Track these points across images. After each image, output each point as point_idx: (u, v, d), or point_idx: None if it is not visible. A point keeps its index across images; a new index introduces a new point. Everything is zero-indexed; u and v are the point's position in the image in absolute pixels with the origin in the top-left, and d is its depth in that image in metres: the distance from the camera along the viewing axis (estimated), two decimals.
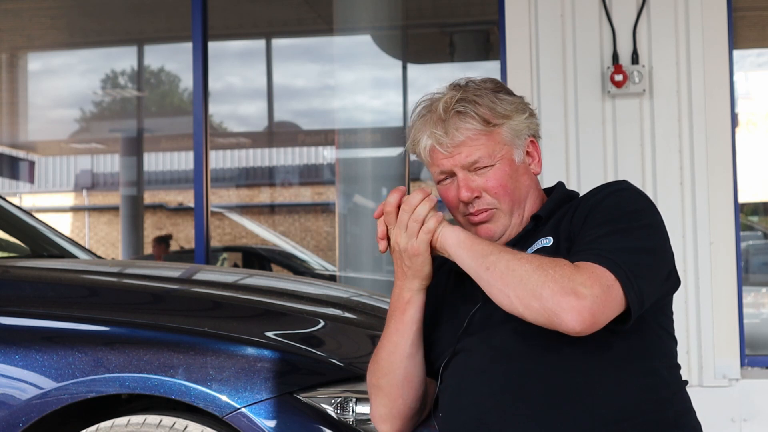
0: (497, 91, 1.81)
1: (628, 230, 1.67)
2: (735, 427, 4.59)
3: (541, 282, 1.56)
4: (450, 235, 1.69)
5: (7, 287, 2.56)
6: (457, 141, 1.76)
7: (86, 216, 19.55)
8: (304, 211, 17.04)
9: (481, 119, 1.76)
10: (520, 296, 1.58)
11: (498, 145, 1.78)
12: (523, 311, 1.59)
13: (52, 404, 2.21)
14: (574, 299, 1.55)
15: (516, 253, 1.64)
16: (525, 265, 1.60)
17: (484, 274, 1.63)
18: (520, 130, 1.81)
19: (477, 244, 1.67)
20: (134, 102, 12.68)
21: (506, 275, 1.60)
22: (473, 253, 1.65)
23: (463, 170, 1.78)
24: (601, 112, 4.81)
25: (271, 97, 12.22)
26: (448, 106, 1.77)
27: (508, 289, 1.59)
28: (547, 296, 1.55)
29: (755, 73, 9.62)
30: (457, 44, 8.47)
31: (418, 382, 1.83)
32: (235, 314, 2.56)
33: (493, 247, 1.67)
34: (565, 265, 1.59)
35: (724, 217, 4.71)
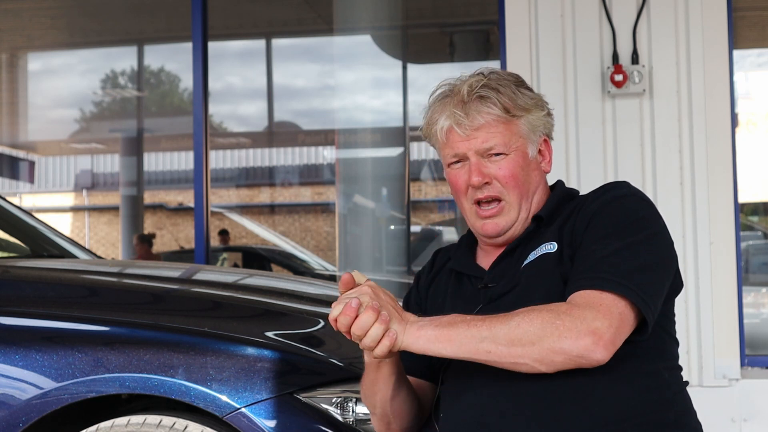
0: (519, 85, 1.82)
1: (635, 244, 1.66)
2: (735, 427, 4.59)
3: (556, 337, 1.55)
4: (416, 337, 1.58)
5: (7, 287, 2.56)
6: (476, 124, 1.77)
7: (86, 216, 19.55)
8: (304, 211, 17.04)
9: (502, 107, 1.77)
10: (539, 359, 1.56)
11: (514, 136, 1.79)
12: (547, 368, 1.58)
13: (52, 404, 2.21)
14: (594, 338, 1.56)
15: (506, 319, 1.58)
16: (528, 328, 1.55)
17: (488, 357, 1.57)
18: (537, 126, 1.82)
19: (455, 332, 1.58)
20: (134, 102, 12.68)
21: (513, 348, 1.56)
22: (460, 344, 1.57)
23: (476, 155, 1.78)
24: (601, 112, 4.81)
25: (271, 97, 12.22)
26: (471, 89, 1.77)
27: (522, 359, 1.57)
28: (569, 347, 1.55)
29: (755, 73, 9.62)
30: (457, 44, 8.47)
31: (406, 412, 1.83)
32: (235, 314, 2.56)
33: (475, 326, 1.58)
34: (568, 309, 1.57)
35: (724, 217, 4.71)
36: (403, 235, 7.72)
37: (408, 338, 1.58)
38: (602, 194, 1.77)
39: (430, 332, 1.58)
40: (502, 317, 1.58)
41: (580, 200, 1.81)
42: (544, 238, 1.77)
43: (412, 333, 1.59)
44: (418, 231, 12.18)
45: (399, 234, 7.52)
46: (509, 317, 1.58)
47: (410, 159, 7.76)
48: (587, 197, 1.80)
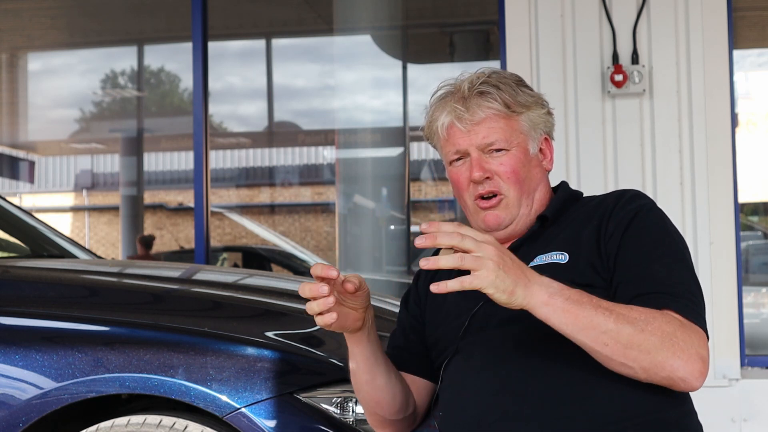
0: (519, 84, 1.84)
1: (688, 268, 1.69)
2: (735, 427, 4.59)
3: (671, 353, 1.55)
4: (544, 303, 1.52)
5: (7, 287, 2.55)
6: (477, 118, 1.78)
7: (86, 216, 19.55)
8: (304, 211, 17.04)
9: (502, 102, 1.78)
10: (646, 368, 1.56)
11: (515, 132, 1.80)
12: (646, 378, 1.58)
13: (52, 404, 2.21)
14: (702, 366, 1.58)
15: (631, 320, 1.54)
16: (650, 337, 1.54)
17: (602, 349, 1.54)
18: (537, 123, 1.83)
19: (583, 313, 1.52)
20: (134, 102, 12.68)
21: (630, 350, 1.54)
22: (580, 327, 1.53)
23: (477, 150, 1.79)
24: (601, 112, 4.81)
25: (271, 97, 12.22)
26: (472, 86, 1.79)
27: (633, 364, 1.56)
28: (679, 367, 1.56)
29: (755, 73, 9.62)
30: (457, 44, 8.47)
31: (386, 401, 1.83)
32: (235, 314, 2.56)
33: (603, 314, 1.53)
34: (681, 327, 1.58)
35: (724, 217, 4.71)
36: (403, 235, 7.72)
37: (534, 300, 1.51)
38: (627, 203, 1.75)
39: (559, 303, 1.52)
40: (626, 315, 1.55)
41: (593, 206, 1.80)
42: (550, 242, 1.77)
43: (542, 297, 1.51)
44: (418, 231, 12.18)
45: (399, 234, 7.52)
46: (633, 318, 1.55)
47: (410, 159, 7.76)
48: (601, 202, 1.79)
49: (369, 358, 1.78)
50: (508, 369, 1.67)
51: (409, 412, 1.88)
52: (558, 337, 1.63)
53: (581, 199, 1.87)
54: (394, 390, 1.83)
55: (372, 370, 1.79)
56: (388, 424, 1.88)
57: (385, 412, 1.84)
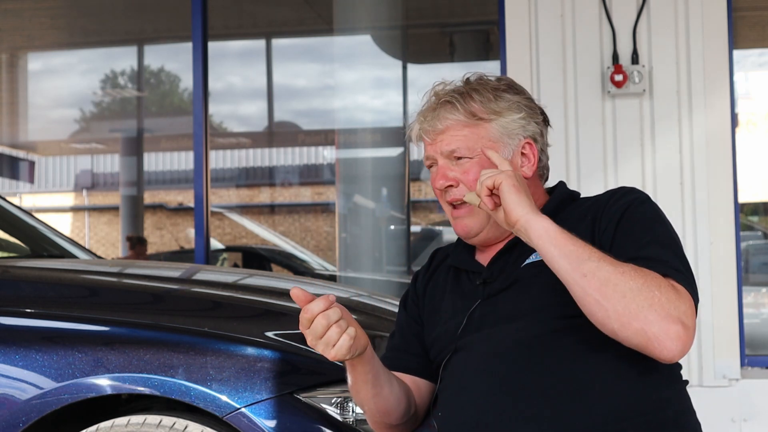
0: (502, 89, 1.82)
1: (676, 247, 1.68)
2: (735, 427, 4.59)
3: (648, 304, 1.51)
4: (536, 224, 1.59)
5: (7, 287, 2.55)
6: (438, 129, 1.79)
7: (86, 216, 19.55)
8: (304, 211, 17.04)
9: (465, 111, 1.78)
10: (619, 313, 1.51)
11: (482, 140, 1.79)
12: (619, 328, 1.52)
13: (52, 404, 2.21)
14: (681, 329, 1.52)
15: (614, 263, 1.55)
16: (629, 281, 1.52)
17: (581, 279, 1.54)
18: (512, 129, 1.80)
19: (568, 242, 1.57)
20: (134, 102, 12.68)
21: (606, 288, 1.52)
22: (566, 252, 1.56)
23: (443, 158, 1.80)
24: (601, 112, 4.81)
25: (271, 97, 12.23)
26: (439, 97, 1.81)
27: (606, 303, 1.52)
28: (653, 320, 1.50)
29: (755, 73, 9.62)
30: (457, 44, 8.47)
31: (392, 409, 1.83)
32: (235, 314, 2.55)
33: (585, 249, 1.57)
34: (669, 286, 1.55)
35: (724, 217, 4.71)
36: (403, 235, 7.71)
37: (533, 219, 1.59)
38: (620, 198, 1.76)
39: (551, 228, 1.59)
40: (612, 259, 1.56)
41: (588, 204, 1.80)
42: None
43: (539, 219, 1.60)
44: (418, 231, 12.18)
45: (399, 234, 7.51)
46: (618, 262, 1.56)
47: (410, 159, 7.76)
48: (597, 201, 1.79)
49: (376, 373, 1.78)
50: (507, 368, 1.67)
51: (410, 415, 1.88)
52: (556, 338, 1.64)
53: (578, 200, 1.86)
54: (398, 395, 1.83)
55: (379, 383, 1.79)
56: (392, 428, 1.88)
57: (392, 419, 1.84)
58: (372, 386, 1.78)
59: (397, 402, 1.83)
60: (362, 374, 1.76)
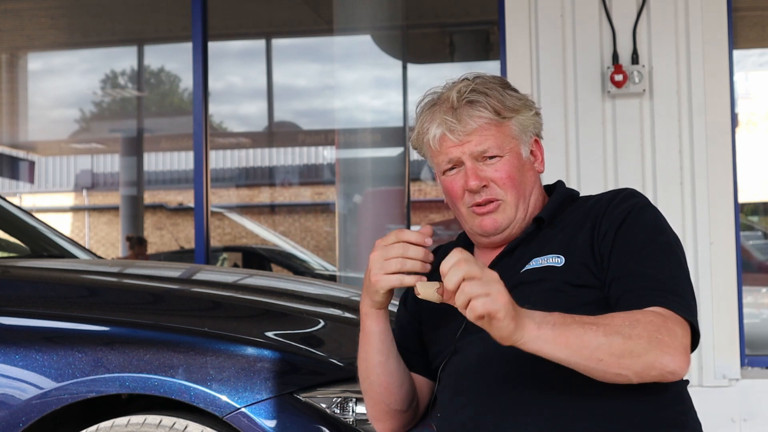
0: (504, 87, 1.83)
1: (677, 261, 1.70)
2: (735, 427, 4.59)
3: (659, 351, 1.56)
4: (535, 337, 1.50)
5: (7, 287, 2.55)
6: (469, 129, 1.77)
7: (86, 216, 19.55)
8: (304, 211, 17.04)
9: (492, 109, 1.77)
10: (639, 372, 1.56)
11: (507, 138, 1.79)
12: (638, 380, 1.58)
13: (52, 404, 2.21)
14: (686, 356, 1.59)
15: (618, 329, 1.55)
16: (638, 342, 1.54)
17: (597, 365, 1.54)
18: (527, 126, 1.82)
19: (573, 335, 1.52)
20: (134, 102, 12.68)
21: (623, 359, 1.54)
22: (575, 349, 1.52)
23: (471, 159, 1.78)
24: (601, 112, 4.81)
25: (271, 97, 12.22)
26: (461, 95, 1.77)
27: (626, 371, 1.56)
28: (668, 363, 1.57)
29: (755, 73, 9.62)
30: (457, 44, 8.47)
31: (395, 387, 1.83)
32: (235, 314, 2.56)
33: (587, 331, 1.53)
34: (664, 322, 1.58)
35: (724, 217, 4.71)
36: None
37: (526, 336, 1.50)
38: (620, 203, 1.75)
39: (548, 333, 1.51)
40: (611, 324, 1.55)
41: (588, 207, 1.80)
42: (546, 244, 1.77)
43: (532, 331, 1.50)
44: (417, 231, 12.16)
45: None
46: (619, 326, 1.55)
47: (410, 159, 7.75)
48: (596, 203, 1.79)
49: (386, 338, 1.79)
50: (506, 371, 1.67)
51: (413, 406, 1.88)
52: None
53: (578, 200, 1.86)
54: (403, 377, 1.83)
55: (387, 351, 1.79)
56: (390, 416, 1.87)
57: (391, 399, 1.84)
58: (381, 352, 1.79)
59: (400, 383, 1.83)
60: (377, 334, 1.77)
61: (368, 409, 1.90)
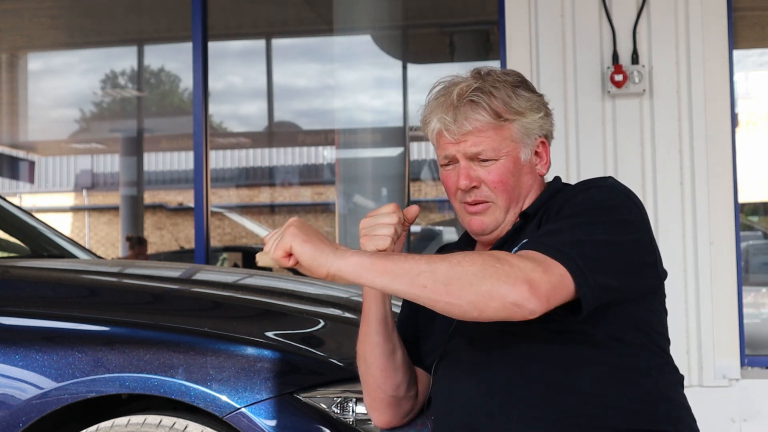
0: (517, 85, 1.80)
1: (591, 224, 1.63)
2: (735, 427, 4.59)
3: (495, 280, 1.49)
4: (348, 263, 1.52)
5: (7, 287, 2.55)
6: (464, 130, 1.75)
7: (86, 216, 19.56)
8: (304, 211, 17.04)
9: (492, 112, 1.75)
10: (474, 301, 1.50)
11: (505, 141, 1.77)
12: (480, 314, 1.51)
13: (52, 404, 2.21)
14: (531, 287, 1.50)
15: (444, 259, 1.53)
16: (468, 268, 1.50)
17: (422, 292, 1.51)
18: (532, 129, 1.79)
19: (389, 263, 1.52)
20: (134, 102, 12.68)
21: (451, 286, 1.50)
22: (394, 275, 1.52)
23: (465, 158, 1.77)
24: (601, 112, 4.81)
25: (271, 97, 12.22)
26: (462, 94, 1.76)
27: (458, 300, 1.50)
28: (505, 292, 1.49)
29: (755, 73, 9.62)
30: (457, 44, 8.47)
31: (392, 371, 1.83)
32: (235, 314, 2.55)
33: (409, 260, 1.53)
34: (508, 257, 1.54)
35: (724, 217, 4.71)
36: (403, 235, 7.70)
37: (340, 262, 1.52)
38: (578, 186, 1.75)
39: (364, 260, 1.52)
40: (441, 256, 1.54)
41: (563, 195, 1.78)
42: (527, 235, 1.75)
43: (346, 257, 1.52)
44: (418, 231, 12.18)
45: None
46: (449, 256, 1.53)
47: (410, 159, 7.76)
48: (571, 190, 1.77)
49: (383, 319, 1.80)
50: (495, 371, 1.67)
51: (411, 395, 1.88)
52: (545, 338, 1.64)
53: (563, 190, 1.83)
54: (400, 361, 1.83)
55: (385, 332, 1.80)
56: (387, 404, 1.86)
57: (388, 384, 1.84)
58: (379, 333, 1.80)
59: (396, 366, 1.83)
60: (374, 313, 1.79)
61: (365, 398, 1.89)
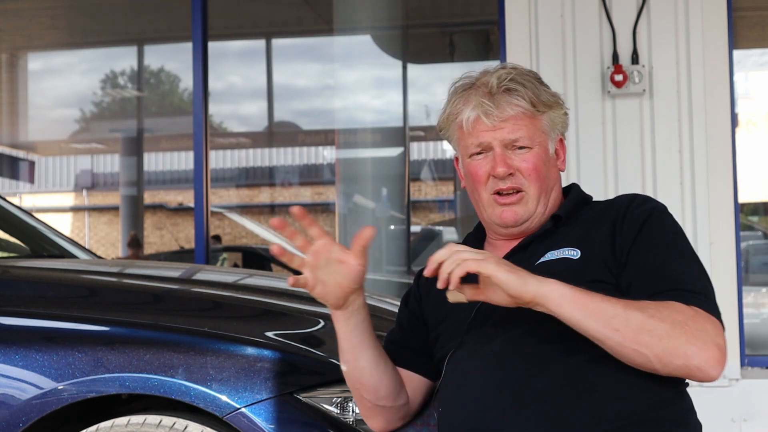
0: (540, 81, 1.85)
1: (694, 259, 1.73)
2: (735, 427, 4.59)
3: (684, 340, 1.56)
4: (558, 294, 1.56)
5: (7, 287, 2.55)
6: (505, 115, 1.78)
7: (86, 216, 19.56)
8: None
9: (529, 101, 1.79)
10: (660, 355, 1.56)
11: (538, 131, 1.82)
12: (661, 368, 1.58)
13: (52, 404, 2.20)
14: (718, 353, 1.58)
15: (639, 306, 1.57)
16: (661, 323, 1.56)
17: (613, 335, 1.56)
18: (556, 123, 1.85)
19: (588, 300, 1.56)
20: (134, 102, 12.68)
21: (642, 336, 1.55)
22: (591, 312, 1.56)
23: (501, 145, 1.79)
24: (601, 112, 4.81)
25: (271, 97, 12.22)
26: (500, 81, 1.79)
27: (645, 350, 1.56)
28: (692, 354, 1.56)
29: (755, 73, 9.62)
30: (457, 44, 8.48)
31: (372, 385, 1.84)
32: (235, 314, 2.55)
33: (606, 301, 1.57)
34: (696, 315, 1.59)
35: (724, 217, 4.71)
36: (403, 235, 7.72)
37: (545, 288, 1.55)
38: (641, 204, 1.78)
39: (566, 291, 1.56)
40: (635, 303, 1.58)
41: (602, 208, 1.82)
42: (561, 240, 1.78)
43: (550, 284, 1.55)
44: (418, 231, 12.19)
45: (399, 234, 7.52)
46: (642, 305, 1.57)
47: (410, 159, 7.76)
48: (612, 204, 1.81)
49: (350, 339, 1.80)
50: (511, 365, 1.68)
51: (399, 403, 1.88)
52: (560, 338, 1.64)
53: (590, 203, 1.89)
54: (379, 375, 1.84)
55: (354, 351, 1.81)
56: (377, 412, 1.88)
57: (370, 395, 1.85)
58: (348, 351, 1.82)
59: (376, 380, 1.84)
60: (339, 333, 1.81)
61: (357, 406, 1.92)
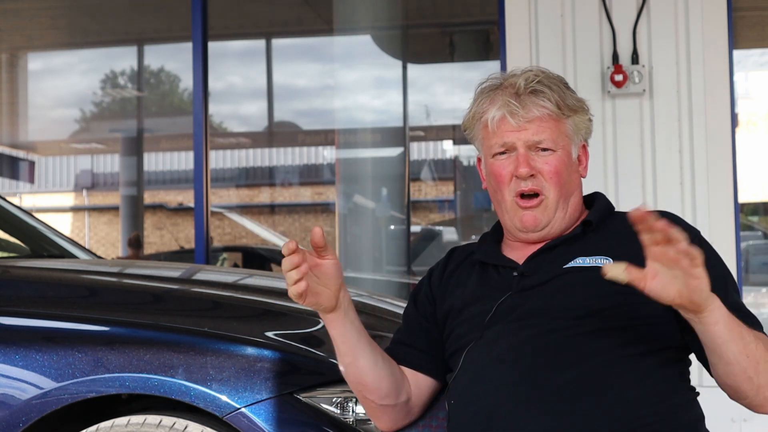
0: (567, 86, 1.86)
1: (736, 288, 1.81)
2: (735, 427, 4.59)
3: None
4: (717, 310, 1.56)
5: (7, 287, 2.55)
6: (531, 116, 1.79)
7: (86, 216, 19.57)
8: (304, 211, 17.05)
9: (555, 103, 1.80)
10: (763, 386, 1.65)
11: (562, 135, 1.82)
12: (753, 396, 1.68)
13: (52, 404, 2.20)
14: None
15: (759, 338, 1.65)
16: (765, 353, 1.63)
17: (744, 361, 1.62)
18: (580, 128, 1.86)
19: (734, 325, 1.61)
20: (134, 102, 12.69)
21: (759, 366, 1.63)
22: (735, 336, 1.61)
23: (525, 147, 1.80)
24: (601, 112, 4.81)
25: (272, 97, 12.23)
26: (528, 83, 1.80)
27: (758, 379, 1.64)
28: None
29: (755, 73, 9.63)
30: (457, 44, 8.48)
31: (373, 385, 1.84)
32: (235, 314, 2.55)
33: (747, 330, 1.64)
34: None
35: (724, 217, 4.71)
36: (403, 235, 7.73)
37: (715, 303, 1.55)
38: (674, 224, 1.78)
39: (725, 311, 1.58)
40: (751, 330, 1.64)
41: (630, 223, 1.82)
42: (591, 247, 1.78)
43: (718, 301, 1.55)
44: (418, 231, 12.18)
45: (399, 234, 7.52)
46: (756, 334, 1.65)
47: (410, 159, 7.76)
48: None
49: (348, 339, 1.81)
50: (529, 362, 1.68)
51: (402, 400, 1.88)
52: (579, 338, 1.65)
53: (614, 214, 1.88)
54: (379, 372, 1.83)
55: (353, 353, 1.81)
56: (382, 411, 1.88)
57: (373, 395, 1.85)
58: (346, 354, 1.82)
59: (377, 379, 1.84)
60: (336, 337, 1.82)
61: (363, 408, 1.93)
